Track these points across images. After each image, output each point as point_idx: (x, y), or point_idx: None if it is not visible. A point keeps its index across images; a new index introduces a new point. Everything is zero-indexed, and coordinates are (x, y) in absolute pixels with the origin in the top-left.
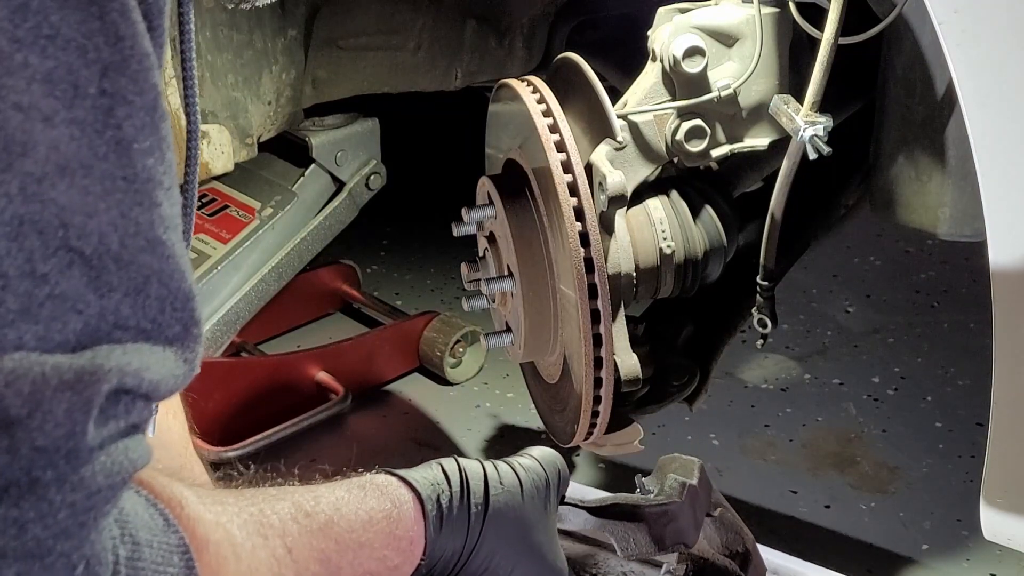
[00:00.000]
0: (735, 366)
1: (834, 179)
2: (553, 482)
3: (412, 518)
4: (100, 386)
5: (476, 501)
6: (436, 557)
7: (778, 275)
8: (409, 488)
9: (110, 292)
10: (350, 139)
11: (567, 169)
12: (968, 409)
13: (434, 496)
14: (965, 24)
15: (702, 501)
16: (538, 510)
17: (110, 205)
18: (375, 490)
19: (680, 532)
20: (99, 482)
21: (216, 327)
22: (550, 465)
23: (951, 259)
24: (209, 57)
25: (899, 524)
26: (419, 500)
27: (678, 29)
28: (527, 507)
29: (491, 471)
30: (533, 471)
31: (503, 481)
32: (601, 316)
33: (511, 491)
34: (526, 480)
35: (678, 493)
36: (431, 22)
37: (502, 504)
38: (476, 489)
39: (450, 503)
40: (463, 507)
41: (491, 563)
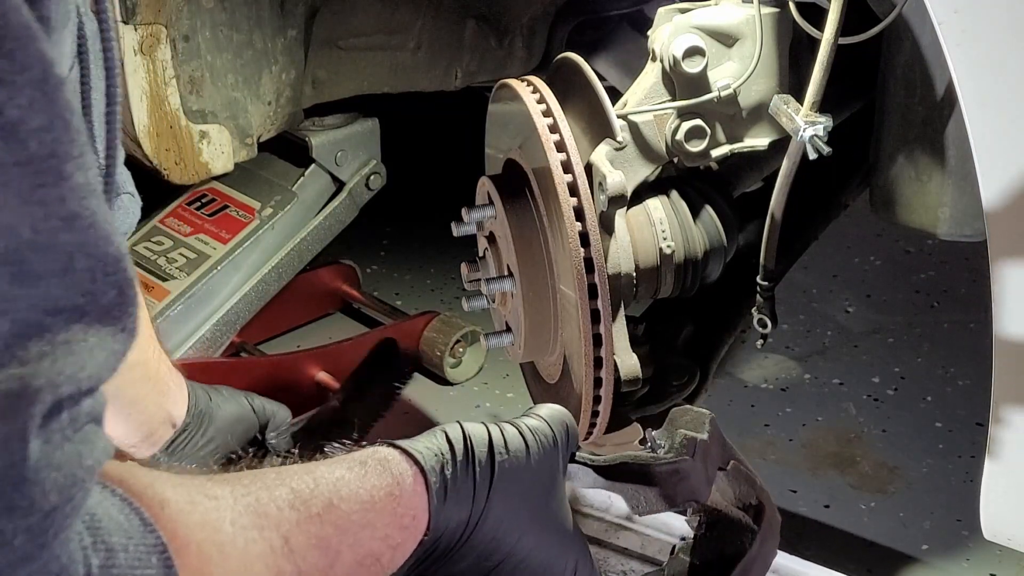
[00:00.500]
0: (735, 366)
1: (834, 179)
2: (562, 441)
3: (415, 492)
4: (32, 409)
5: (481, 468)
6: (441, 529)
7: (778, 275)
8: (411, 460)
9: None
10: (350, 139)
11: (567, 169)
12: (968, 409)
13: (437, 466)
14: (965, 24)
15: (714, 456)
16: (547, 472)
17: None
18: (376, 465)
19: (691, 490)
20: (52, 500)
21: (216, 327)
22: (558, 424)
23: (951, 259)
24: (209, 57)
25: (899, 524)
26: (422, 472)
27: (678, 29)
28: (535, 470)
29: (496, 435)
30: (541, 432)
31: (508, 445)
32: (601, 316)
33: (517, 455)
34: (533, 442)
35: (689, 450)
36: (431, 22)
37: (508, 470)
38: (480, 455)
39: (454, 472)
40: (468, 476)
41: (498, 532)
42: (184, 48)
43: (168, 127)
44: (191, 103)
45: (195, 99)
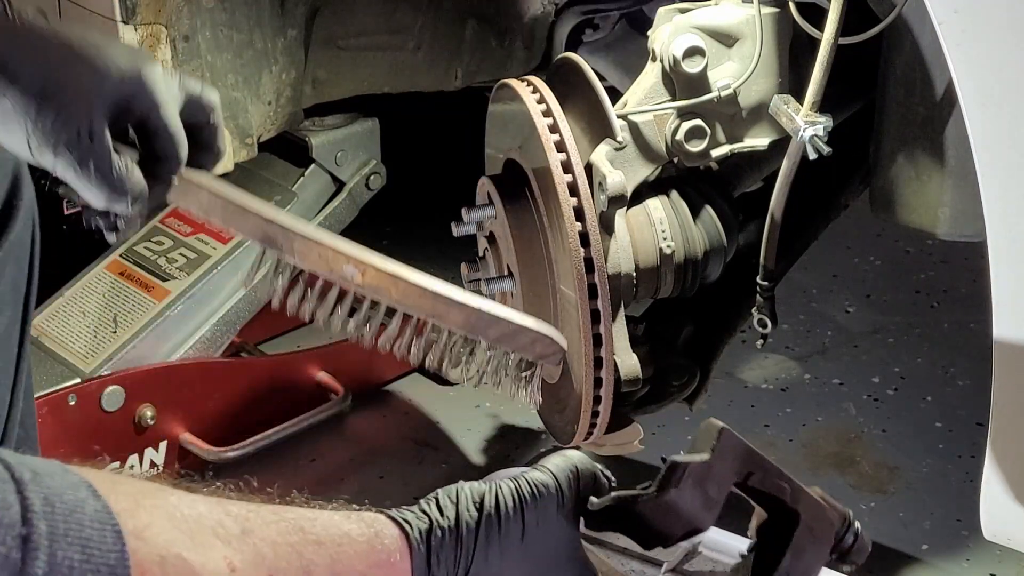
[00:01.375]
0: (735, 366)
1: (834, 179)
2: (568, 492)
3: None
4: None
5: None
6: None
7: (778, 275)
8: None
9: None
10: (350, 139)
11: (567, 169)
12: (968, 409)
13: (424, 532)
14: (965, 24)
15: (720, 474)
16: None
17: None
18: (357, 518)
19: (684, 520)
20: None
21: (216, 327)
22: (563, 473)
23: (951, 259)
24: (209, 57)
25: (899, 524)
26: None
27: (678, 29)
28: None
29: (489, 496)
30: (541, 483)
31: (501, 504)
32: (601, 316)
33: (509, 512)
34: (529, 498)
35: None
36: (431, 22)
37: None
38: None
39: (441, 538)
40: (454, 540)
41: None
42: (184, 48)
43: None
44: None
45: None
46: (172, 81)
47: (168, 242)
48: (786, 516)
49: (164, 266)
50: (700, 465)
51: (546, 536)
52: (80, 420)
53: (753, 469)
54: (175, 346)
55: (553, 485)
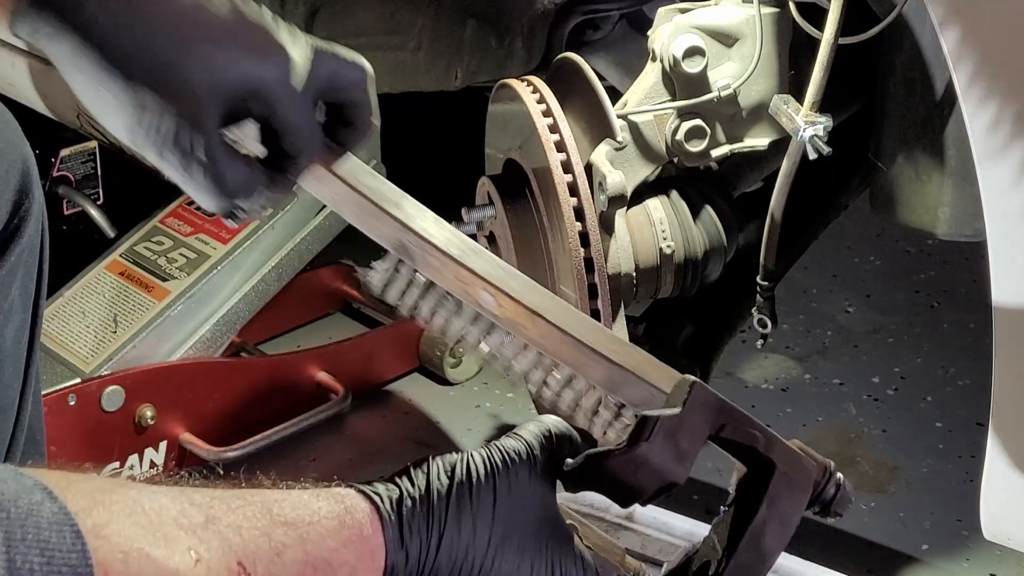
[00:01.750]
0: (735, 366)
1: (834, 179)
2: (544, 457)
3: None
4: None
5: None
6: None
7: (778, 275)
8: (365, 497)
9: None
10: None
11: (567, 169)
12: (968, 409)
13: (393, 499)
14: (965, 24)
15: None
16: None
17: None
18: (327, 495)
19: (657, 474)
20: None
21: (216, 327)
22: (536, 437)
23: (951, 259)
24: None
25: (899, 524)
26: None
27: (678, 29)
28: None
29: (460, 464)
30: (513, 449)
31: (473, 471)
32: (601, 316)
33: (480, 480)
34: (501, 463)
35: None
36: (431, 22)
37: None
38: (439, 487)
39: (412, 507)
40: (424, 509)
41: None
42: None
43: None
44: None
45: None
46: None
47: (168, 242)
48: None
49: (164, 266)
50: (671, 418)
51: (520, 501)
52: (80, 420)
53: (726, 421)
54: (175, 346)
55: (525, 450)
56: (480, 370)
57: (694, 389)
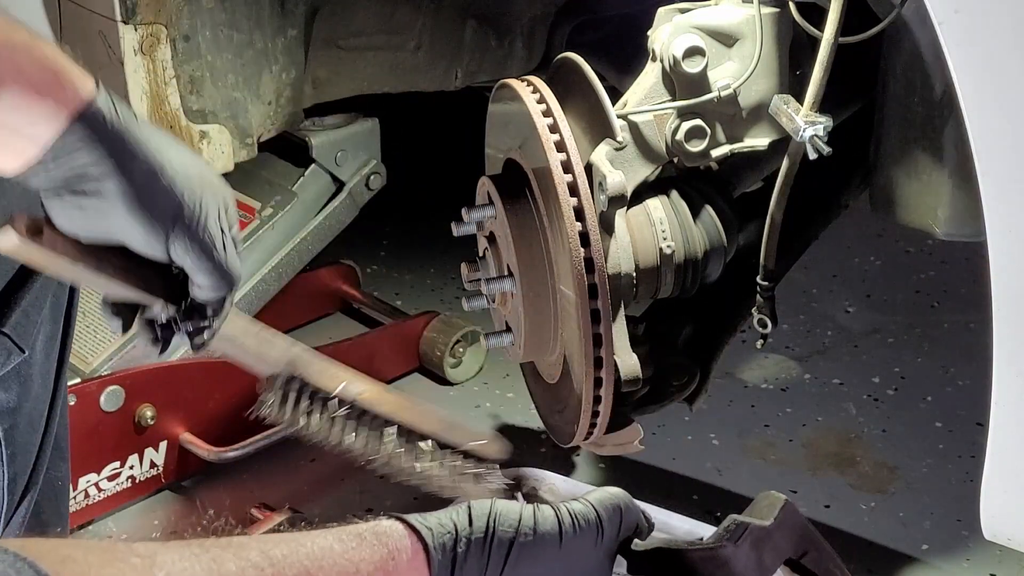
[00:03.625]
0: (735, 366)
1: (834, 179)
2: (609, 528)
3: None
4: None
5: (499, 548)
6: None
7: (778, 275)
8: (416, 535)
9: None
10: (350, 139)
11: (567, 169)
12: (968, 409)
13: (447, 543)
14: (965, 24)
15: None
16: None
17: None
18: (372, 538)
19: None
20: None
21: None
22: (607, 508)
23: (951, 259)
24: (209, 57)
25: (899, 524)
26: (425, 549)
27: (678, 29)
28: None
29: (527, 514)
30: (582, 516)
31: (538, 526)
32: (601, 316)
33: (544, 537)
34: (568, 525)
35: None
36: (431, 22)
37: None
38: (502, 534)
39: (467, 550)
40: (481, 555)
41: None
42: (184, 48)
43: (168, 127)
44: (191, 103)
45: (195, 99)
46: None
47: None
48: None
49: None
50: (761, 529)
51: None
52: (80, 420)
53: (809, 548)
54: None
55: (594, 519)
56: (480, 370)
57: (787, 507)
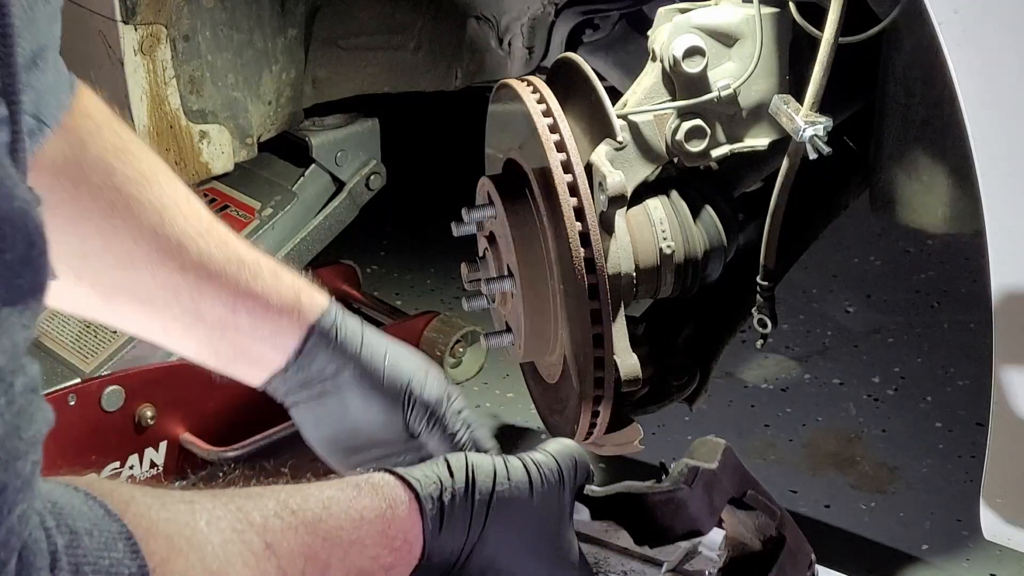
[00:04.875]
0: (735, 366)
1: (834, 179)
2: (568, 477)
3: (408, 517)
4: None
5: (480, 497)
6: (435, 555)
7: (778, 275)
8: (407, 486)
9: None
10: (350, 139)
11: (567, 169)
12: (968, 409)
13: (435, 494)
14: (965, 24)
15: (724, 485)
16: (549, 507)
17: None
18: (370, 489)
19: (690, 519)
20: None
21: None
22: (565, 459)
23: (951, 259)
24: (209, 57)
25: (899, 524)
26: (417, 499)
27: (678, 29)
28: (536, 504)
29: (500, 466)
30: (546, 466)
31: (511, 476)
32: (601, 316)
33: (518, 487)
34: (536, 476)
35: (688, 478)
36: (431, 22)
37: (508, 501)
38: (482, 485)
39: (452, 500)
40: (466, 504)
41: (493, 562)
42: (184, 48)
43: (168, 127)
44: (191, 103)
45: (195, 99)
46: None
47: None
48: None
49: None
50: (710, 472)
51: (550, 515)
52: (80, 420)
53: (748, 487)
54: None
55: (557, 468)
56: (480, 370)
57: (727, 452)
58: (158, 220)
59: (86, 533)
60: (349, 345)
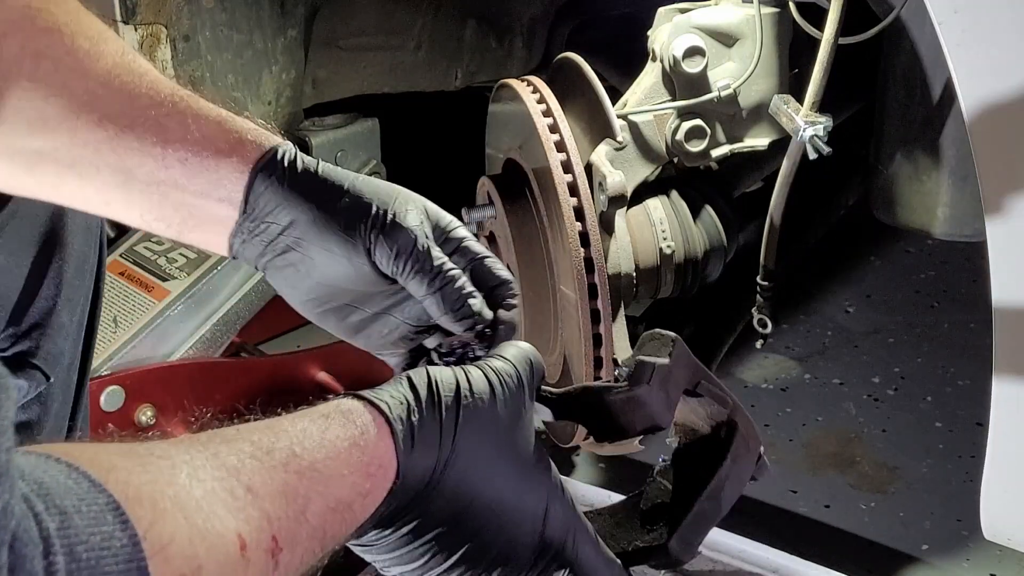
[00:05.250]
0: (735, 366)
1: (834, 179)
2: (527, 379)
3: (380, 441)
4: None
5: (447, 413)
6: (409, 475)
7: (778, 275)
8: (376, 410)
9: None
10: (350, 139)
11: (567, 169)
12: (968, 409)
13: (403, 414)
14: (965, 24)
15: (677, 379)
16: (512, 412)
17: None
18: (340, 417)
19: (649, 416)
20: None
21: (216, 327)
22: (522, 362)
23: (951, 259)
24: (209, 57)
25: (899, 524)
26: (387, 422)
27: (678, 29)
28: (500, 411)
29: (462, 378)
30: (505, 372)
31: (474, 388)
32: (601, 316)
33: (482, 397)
34: (497, 383)
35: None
36: (431, 22)
37: (474, 412)
38: (446, 400)
39: (421, 419)
40: (434, 421)
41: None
42: (184, 48)
43: None
44: None
45: None
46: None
47: (168, 242)
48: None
49: (164, 266)
50: (664, 367)
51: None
52: None
53: (701, 378)
54: (175, 346)
55: (515, 373)
56: None
57: (677, 344)
58: (70, 73)
59: (75, 511)
60: (302, 185)
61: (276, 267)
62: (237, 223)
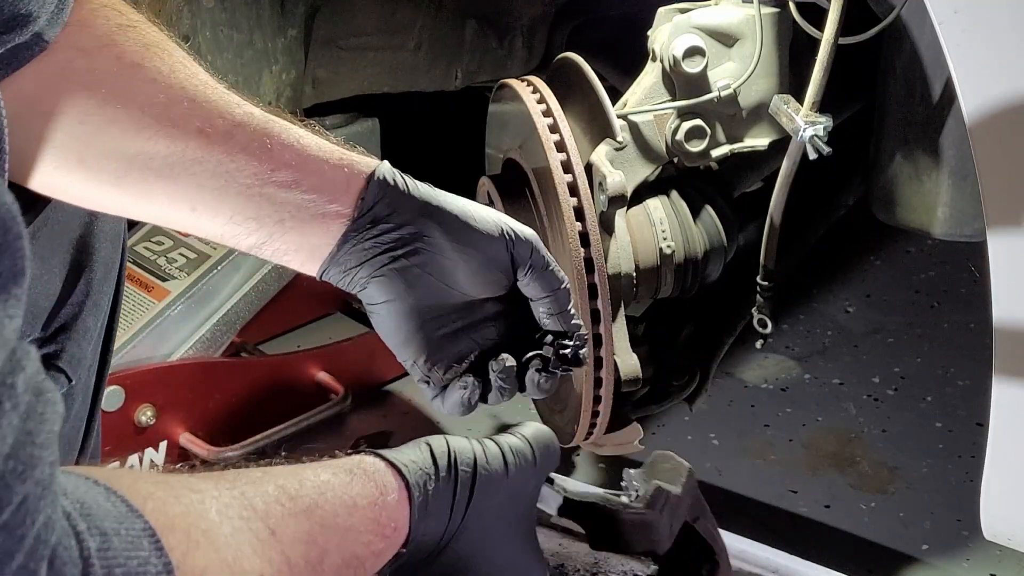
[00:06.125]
0: (735, 366)
1: (834, 179)
2: (541, 463)
3: (398, 504)
4: None
5: (461, 485)
6: (418, 540)
7: (778, 275)
8: (397, 473)
9: None
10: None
11: (567, 169)
12: (968, 409)
13: (421, 481)
14: (965, 24)
15: (682, 510)
16: (523, 492)
17: None
18: (362, 474)
19: (651, 541)
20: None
21: (216, 327)
22: (539, 445)
23: (951, 259)
24: (209, 57)
25: (899, 524)
26: (407, 486)
27: (678, 29)
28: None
29: (479, 452)
30: (521, 452)
31: (490, 463)
32: (601, 316)
33: (496, 474)
34: (512, 462)
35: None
36: (431, 22)
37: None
38: (463, 473)
39: (436, 487)
40: (448, 491)
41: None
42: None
43: None
44: None
45: None
46: None
47: (168, 242)
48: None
49: (164, 266)
50: (676, 497)
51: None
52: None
53: (699, 514)
54: (175, 346)
55: (531, 453)
56: None
57: (689, 477)
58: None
59: (114, 533)
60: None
61: (395, 269)
62: (353, 220)
